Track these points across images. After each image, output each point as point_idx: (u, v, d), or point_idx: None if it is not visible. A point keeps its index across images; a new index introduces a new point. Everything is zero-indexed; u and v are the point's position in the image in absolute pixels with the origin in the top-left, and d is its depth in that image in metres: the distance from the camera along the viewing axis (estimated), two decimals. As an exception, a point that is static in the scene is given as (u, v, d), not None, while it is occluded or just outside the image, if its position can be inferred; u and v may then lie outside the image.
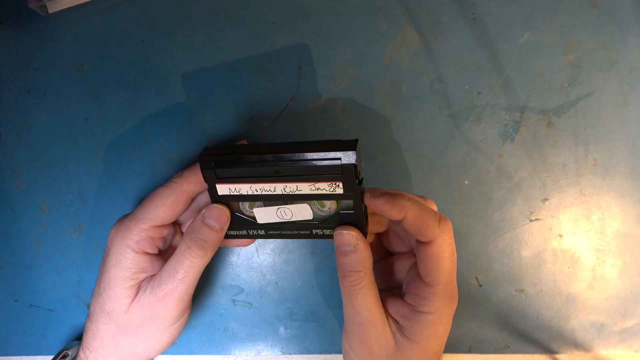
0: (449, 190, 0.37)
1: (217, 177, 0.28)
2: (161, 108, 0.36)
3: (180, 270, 0.28)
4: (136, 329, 0.29)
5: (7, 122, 0.37)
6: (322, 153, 0.26)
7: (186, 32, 0.36)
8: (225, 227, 0.30)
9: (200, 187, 0.29)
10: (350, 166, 0.26)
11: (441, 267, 0.27)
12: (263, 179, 0.27)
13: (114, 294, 0.29)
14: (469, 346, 0.38)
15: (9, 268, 0.39)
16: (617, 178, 0.36)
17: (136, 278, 0.29)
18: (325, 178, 0.27)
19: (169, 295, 0.28)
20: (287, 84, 0.36)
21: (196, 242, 0.28)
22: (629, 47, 0.35)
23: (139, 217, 0.29)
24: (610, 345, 0.38)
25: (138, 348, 0.30)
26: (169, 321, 0.29)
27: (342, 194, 0.27)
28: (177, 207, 0.29)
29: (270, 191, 0.28)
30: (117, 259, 0.29)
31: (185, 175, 0.29)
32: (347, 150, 0.25)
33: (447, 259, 0.27)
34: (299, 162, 0.26)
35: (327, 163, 0.26)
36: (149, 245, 0.29)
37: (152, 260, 0.30)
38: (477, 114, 0.36)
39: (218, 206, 0.29)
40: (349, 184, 0.27)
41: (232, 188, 0.28)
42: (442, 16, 0.35)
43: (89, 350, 0.30)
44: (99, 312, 0.30)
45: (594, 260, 0.37)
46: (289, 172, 0.27)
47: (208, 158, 0.27)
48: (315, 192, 0.27)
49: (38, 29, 0.36)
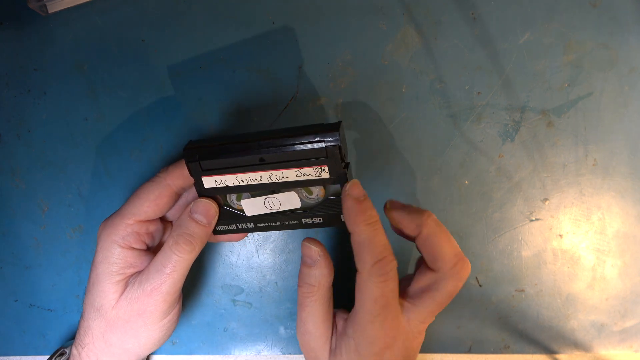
0: (449, 190, 0.37)
1: (202, 170, 0.28)
2: (161, 108, 0.36)
3: (168, 264, 0.28)
4: (124, 324, 0.29)
5: (7, 122, 0.37)
6: (305, 137, 0.26)
7: (186, 32, 0.36)
8: (213, 222, 0.30)
9: (184, 181, 0.29)
10: (334, 148, 0.26)
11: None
12: (248, 168, 0.27)
13: (102, 289, 0.29)
14: (469, 346, 0.38)
15: (9, 268, 0.39)
16: (617, 178, 0.36)
17: (123, 273, 0.29)
18: (310, 162, 0.27)
19: (156, 289, 0.29)
20: (287, 84, 0.36)
21: (183, 237, 0.28)
22: (629, 47, 0.35)
23: (124, 212, 0.29)
24: (610, 345, 0.38)
25: (127, 344, 0.30)
26: (157, 316, 0.29)
27: (328, 178, 0.27)
28: (162, 202, 0.29)
29: (256, 180, 0.28)
30: (104, 255, 0.29)
31: (170, 170, 0.29)
32: (330, 132, 0.26)
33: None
34: (282, 148, 0.26)
35: (311, 147, 0.26)
36: (135, 241, 0.29)
37: (139, 256, 0.30)
38: (477, 114, 0.36)
39: (205, 200, 0.29)
40: (334, 167, 0.27)
41: (217, 180, 0.28)
42: (442, 16, 0.35)
43: (81, 347, 0.30)
44: (89, 309, 0.30)
45: (594, 260, 0.37)
46: (273, 159, 0.27)
47: (192, 151, 0.27)
48: (302, 178, 0.27)
49: (38, 29, 0.36)
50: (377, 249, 0.26)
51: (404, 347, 0.28)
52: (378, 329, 0.27)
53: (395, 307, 0.27)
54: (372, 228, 0.26)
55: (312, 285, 0.28)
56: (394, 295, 0.27)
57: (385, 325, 0.27)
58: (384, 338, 0.27)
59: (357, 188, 0.27)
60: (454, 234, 0.37)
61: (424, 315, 0.28)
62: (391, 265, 0.27)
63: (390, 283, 0.27)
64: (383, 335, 0.27)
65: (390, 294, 0.27)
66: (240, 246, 0.38)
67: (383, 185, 0.37)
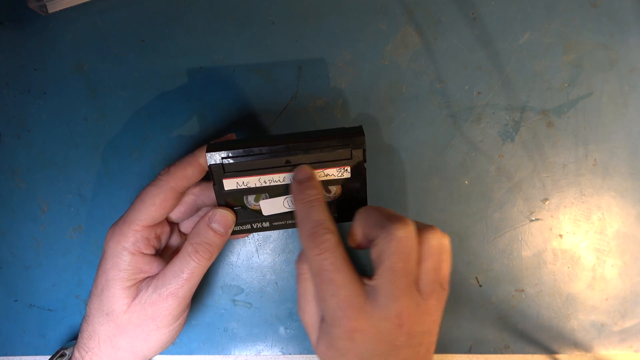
0: (449, 190, 0.37)
1: (225, 172, 0.28)
2: (161, 108, 0.36)
3: (185, 270, 0.29)
4: (135, 328, 0.30)
5: (7, 122, 0.37)
6: (333, 140, 0.27)
7: (186, 32, 0.36)
8: (230, 231, 0.30)
9: (187, 181, 0.29)
10: (359, 151, 0.28)
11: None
12: (273, 170, 0.28)
13: (113, 295, 0.29)
14: (469, 346, 0.38)
15: (9, 268, 0.39)
16: (617, 178, 0.36)
17: (134, 279, 0.29)
18: (335, 164, 0.28)
19: (173, 294, 0.29)
20: (287, 84, 0.36)
21: (202, 245, 0.29)
22: (629, 47, 0.35)
23: (131, 218, 0.29)
24: (610, 345, 0.38)
25: (136, 347, 0.30)
26: (169, 319, 0.30)
27: (349, 177, 0.29)
28: (167, 205, 0.29)
29: (280, 181, 0.29)
30: (114, 261, 0.29)
31: (172, 172, 0.29)
32: (356, 136, 0.28)
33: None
34: (310, 151, 0.28)
35: (338, 150, 0.28)
36: (144, 246, 0.30)
37: (149, 261, 0.30)
38: (477, 114, 0.36)
39: (223, 211, 0.30)
40: (357, 167, 0.29)
41: (239, 182, 0.29)
42: (442, 16, 0.35)
43: (85, 351, 0.30)
44: (97, 313, 0.30)
45: (594, 260, 0.37)
46: (299, 161, 0.28)
47: (216, 154, 0.28)
48: (324, 178, 0.29)
49: (38, 29, 0.36)
50: (309, 224, 0.27)
51: (378, 332, 0.25)
52: (334, 308, 0.25)
53: (345, 285, 0.25)
54: (307, 206, 0.27)
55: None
56: (336, 270, 0.25)
57: (342, 305, 0.25)
58: (345, 319, 0.25)
59: (301, 171, 0.28)
60: (454, 234, 0.37)
61: (388, 290, 0.25)
62: (324, 238, 0.26)
63: (328, 256, 0.25)
64: (342, 315, 0.25)
65: (330, 267, 0.25)
66: (240, 246, 0.38)
67: (383, 186, 0.37)
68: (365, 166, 0.29)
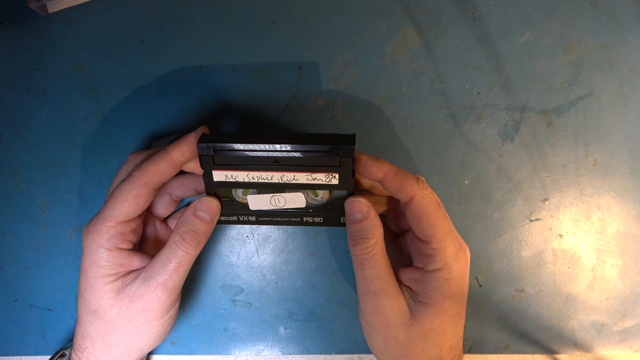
0: (449, 190, 0.37)
1: (215, 164, 0.29)
2: (161, 108, 0.36)
3: (173, 260, 0.29)
4: (125, 322, 0.29)
5: (7, 122, 0.37)
6: (323, 145, 0.27)
7: (186, 32, 0.36)
8: (216, 219, 0.31)
9: (160, 177, 0.29)
10: (349, 160, 0.27)
11: (430, 221, 0.28)
12: (262, 167, 0.28)
13: (97, 292, 0.29)
14: (469, 346, 0.38)
15: (9, 268, 0.39)
16: (617, 178, 0.36)
17: (116, 274, 0.29)
18: (323, 169, 0.28)
19: (162, 285, 0.29)
20: (287, 84, 0.36)
21: (188, 233, 0.29)
22: (629, 47, 0.35)
23: (105, 215, 0.29)
24: (610, 345, 0.38)
25: (129, 342, 0.30)
26: (160, 312, 0.30)
27: (336, 184, 0.29)
28: (141, 201, 0.29)
29: (267, 179, 0.29)
30: (91, 259, 0.29)
31: (144, 168, 0.29)
32: (348, 144, 0.27)
33: (433, 211, 0.28)
34: (300, 153, 0.27)
35: (327, 155, 0.27)
36: (120, 241, 0.29)
37: (128, 255, 0.30)
38: (477, 114, 0.36)
39: (208, 198, 0.30)
40: (344, 175, 0.28)
41: (228, 175, 0.29)
42: (442, 16, 0.35)
43: (80, 351, 0.30)
44: (85, 313, 0.30)
45: (594, 260, 0.37)
46: (288, 162, 0.28)
47: (207, 144, 0.28)
48: (312, 182, 0.29)
49: (38, 29, 0.36)
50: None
51: (407, 338, 0.28)
52: (371, 311, 0.29)
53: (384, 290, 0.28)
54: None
55: (370, 238, 0.28)
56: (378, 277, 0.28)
57: (379, 308, 0.29)
58: (378, 321, 0.29)
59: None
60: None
61: (447, 250, 0.28)
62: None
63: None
64: (377, 319, 0.29)
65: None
66: (240, 246, 0.38)
67: (383, 185, 0.37)
68: (352, 175, 0.28)
